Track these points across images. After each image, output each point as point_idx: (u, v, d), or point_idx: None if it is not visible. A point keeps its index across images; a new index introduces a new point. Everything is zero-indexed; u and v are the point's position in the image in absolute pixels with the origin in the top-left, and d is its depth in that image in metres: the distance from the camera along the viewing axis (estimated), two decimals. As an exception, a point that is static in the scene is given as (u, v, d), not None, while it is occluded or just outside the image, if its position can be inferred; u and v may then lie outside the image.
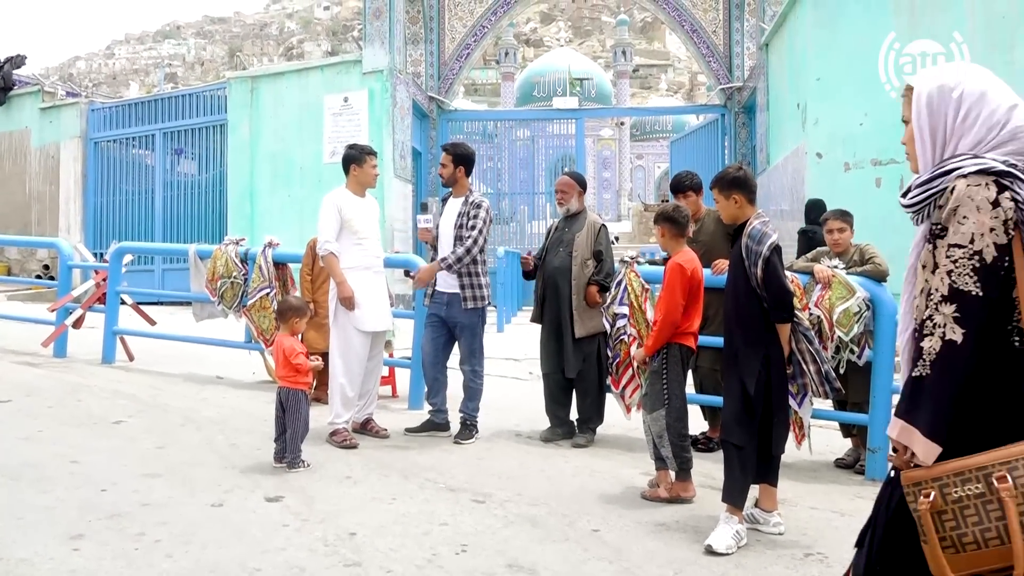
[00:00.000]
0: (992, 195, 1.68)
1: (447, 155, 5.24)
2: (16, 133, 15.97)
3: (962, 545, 1.62)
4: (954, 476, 1.64)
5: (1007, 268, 1.68)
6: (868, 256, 4.76)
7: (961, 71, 1.82)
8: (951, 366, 1.68)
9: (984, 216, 1.68)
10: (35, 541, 3.16)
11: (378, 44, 12.47)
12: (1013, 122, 1.74)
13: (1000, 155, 1.73)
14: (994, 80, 1.80)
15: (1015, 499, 1.57)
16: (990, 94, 1.77)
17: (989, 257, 1.67)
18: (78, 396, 5.90)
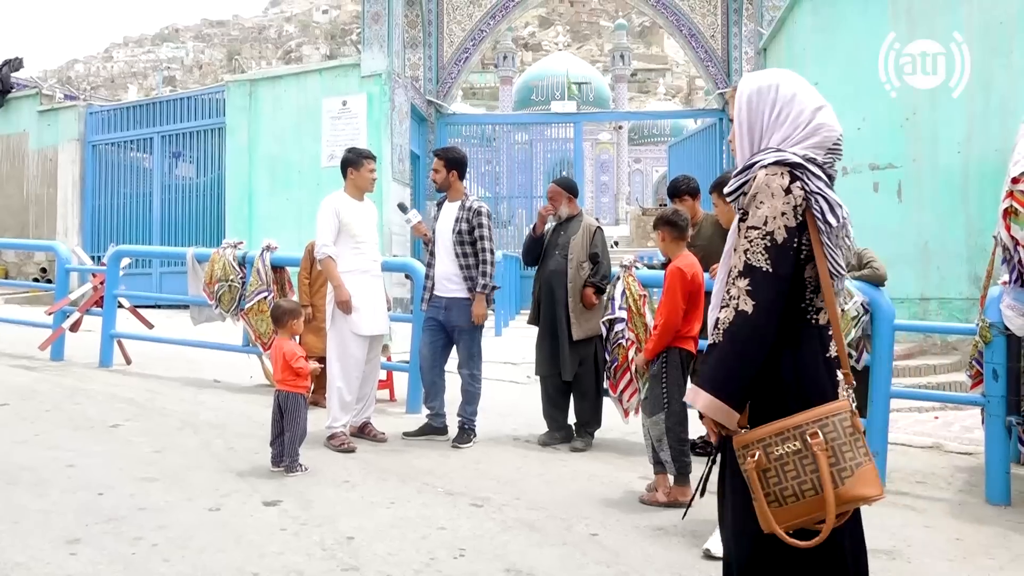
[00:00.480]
0: (785, 183, 1.89)
1: (439, 160, 5.25)
2: (14, 136, 15.95)
3: (783, 498, 1.81)
4: (775, 436, 1.83)
5: (797, 248, 1.89)
6: (866, 260, 4.76)
7: (778, 76, 2.04)
8: (740, 334, 1.87)
9: (777, 201, 1.89)
10: (31, 545, 3.14)
11: (376, 48, 12.47)
12: (816, 121, 1.95)
13: (803, 149, 1.94)
14: (805, 84, 2.02)
15: (825, 452, 1.78)
16: (800, 96, 1.99)
17: (780, 238, 1.87)
18: (75, 400, 5.89)
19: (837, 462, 1.79)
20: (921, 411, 6.96)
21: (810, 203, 1.89)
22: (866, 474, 1.80)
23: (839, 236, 1.91)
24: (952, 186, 9.02)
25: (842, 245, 1.94)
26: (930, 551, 3.50)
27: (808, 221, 1.89)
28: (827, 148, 1.97)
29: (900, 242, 8.73)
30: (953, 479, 4.76)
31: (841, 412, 1.82)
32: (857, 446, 1.81)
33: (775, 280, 1.87)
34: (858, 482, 1.79)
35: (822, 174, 1.92)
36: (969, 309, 8.70)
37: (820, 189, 1.89)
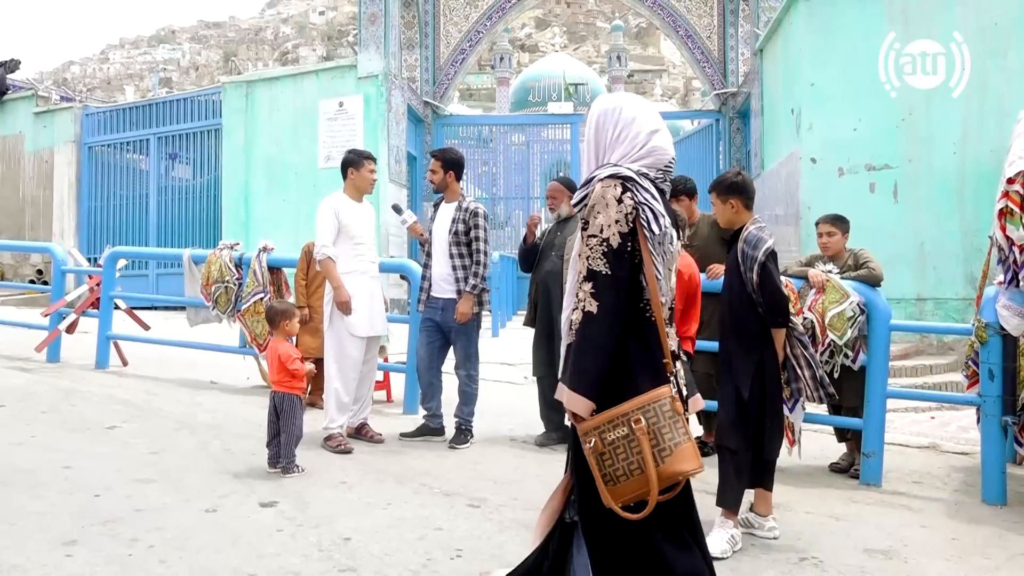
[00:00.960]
0: (618, 194, 2.12)
1: (436, 161, 5.25)
2: (10, 138, 15.92)
3: (616, 478, 2.05)
4: (608, 423, 2.06)
5: (631, 252, 2.11)
6: (863, 261, 4.77)
7: (622, 100, 2.29)
8: (589, 333, 2.09)
9: (611, 211, 2.11)
10: (28, 547, 3.14)
11: (373, 49, 12.47)
12: (651, 143, 2.21)
13: (639, 165, 2.19)
14: (646, 109, 2.27)
15: (647, 436, 2.01)
16: (639, 119, 2.23)
17: (615, 243, 2.09)
18: (71, 401, 5.88)
19: (658, 443, 2.03)
20: (918, 411, 6.97)
21: (638, 212, 2.11)
22: (684, 452, 2.04)
23: (663, 244, 2.15)
24: (948, 187, 9.05)
25: (665, 252, 2.18)
26: (927, 551, 3.50)
27: (636, 228, 2.12)
28: (660, 167, 2.23)
29: (896, 242, 8.75)
30: (949, 479, 4.77)
31: (662, 399, 2.06)
32: (677, 428, 2.04)
33: (615, 281, 2.09)
34: (676, 460, 2.02)
35: (653, 188, 2.17)
36: (965, 309, 8.72)
37: (647, 200, 2.12)
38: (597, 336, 2.09)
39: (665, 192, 2.24)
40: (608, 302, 2.08)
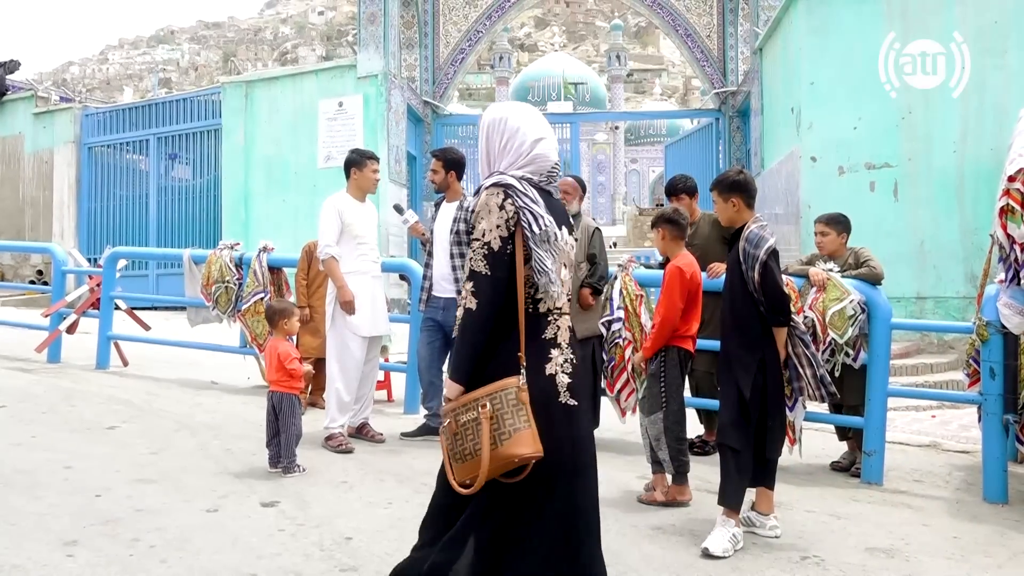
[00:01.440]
0: (499, 201, 2.30)
1: (437, 161, 5.24)
2: (9, 138, 15.92)
3: (464, 457, 2.24)
4: (462, 407, 2.26)
5: (511, 254, 2.29)
6: (863, 259, 4.76)
7: (509, 110, 2.47)
8: (467, 327, 2.29)
9: (493, 217, 2.29)
10: (28, 548, 3.13)
11: (373, 49, 12.46)
12: (535, 151, 2.39)
13: (524, 172, 2.37)
14: (531, 118, 2.45)
15: (489, 420, 2.18)
16: (523, 129, 2.41)
17: (496, 246, 2.28)
18: (72, 402, 5.88)
19: (499, 427, 2.19)
20: (918, 410, 6.97)
21: (520, 216, 2.29)
22: (523, 437, 2.18)
23: (547, 241, 2.30)
24: (948, 185, 9.05)
25: (552, 249, 2.32)
26: (928, 549, 3.50)
27: (518, 230, 2.29)
28: (543, 172, 2.41)
29: (896, 241, 8.75)
30: (951, 477, 4.77)
31: (508, 387, 2.23)
32: (519, 414, 2.20)
33: (493, 281, 2.28)
34: (514, 444, 2.18)
35: (535, 191, 2.35)
36: (965, 308, 8.72)
37: (527, 204, 2.30)
38: (473, 330, 2.29)
39: (551, 193, 2.46)
40: (485, 300, 2.28)
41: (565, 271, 2.43)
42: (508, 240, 2.29)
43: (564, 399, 2.32)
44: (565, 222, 2.47)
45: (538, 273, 2.29)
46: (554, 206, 2.44)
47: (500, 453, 2.18)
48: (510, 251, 2.30)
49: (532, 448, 2.19)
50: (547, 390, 2.30)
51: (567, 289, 2.42)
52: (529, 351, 2.30)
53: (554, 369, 2.32)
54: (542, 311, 2.35)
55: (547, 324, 2.36)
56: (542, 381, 2.30)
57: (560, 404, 2.31)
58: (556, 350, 2.35)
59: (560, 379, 2.33)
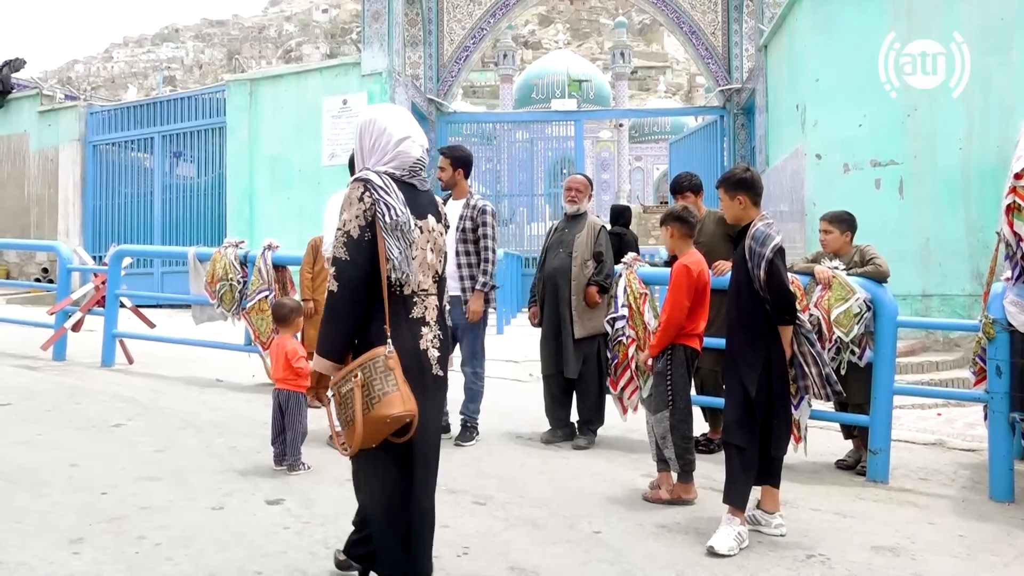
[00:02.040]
0: (359, 194, 2.52)
1: (445, 159, 5.22)
2: (15, 137, 15.95)
3: (347, 423, 2.47)
4: (342, 379, 2.49)
5: (370, 240, 2.49)
6: (869, 257, 4.75)
7: (379, 112, 2.70)
8: (331, 308, 2.54)
9: (354, 208, 2.52)
10: (34, 545, 3.14)
11: (377, 46, 12.46)
12: (398, 148, 2.62)
13: (389, 168, 2.61)
14: (398, 119, 2.68)
15: (361, 388, 2.41)
16: (389, 129, 2.64)
17: (355, 235, 2.50)
18: (77, 399, 5.89)
19: (369, 393, 2.41)
20: (924, 408, 6.94)
21: (376, 208, 2.49)
22: (392, 399, 2.40)
23: (397, 230, 2.50)
24: (953, 183, 9.01)
25: (402, 237, 2.52)
26: (934, 548, 3.49)
27: (376, 221, 2.50)
28: (406, 167, 2.64)
29: (902, 239, 8.72)
30: (957, 476, 4.75)
31: (377, 356, 2.45)
32: (387, 380, 2.42)
33: (352, 266, 2.50)
34: (384, 405, 2.39)
35: (395, 185, 2.56)
36: (971, 306, 8.69)
37: (382, 197, 2.50)
38: (336, 310, 2.53)
39: (415, 186, 2.66)
40: (344, 283, 2.51)
41: (432, 255, 2.66)
42: (367, 229, 2.51)
43: (435, 371, 2.62)
44: (432, 211, 2.70)
45: (387, 259, 2.50)
46: (418, 198, 2.66)
47: (371, 416, 2.40)
48: (369, 238, 2.50)
49: (402, 408, 2.41)
50: (421, 363, 2.57)
51: (434, 273, 2.67)
52: (402, 329, 2.55)
53: (426, 345, 2.59)
54: (407, 293, 2.58)
55: (414, 304, 2.60)
56: (417, 355, 2.56)
57: (432, 375, 2.60)
58: (426, 327, 2.61)
59: (431, 353, 2.61)
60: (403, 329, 2.54)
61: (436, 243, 2.68)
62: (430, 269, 2.65)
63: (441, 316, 2.69)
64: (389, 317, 2.52)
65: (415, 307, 2.59)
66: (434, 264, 2.67)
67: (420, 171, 2.68)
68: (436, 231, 2.69)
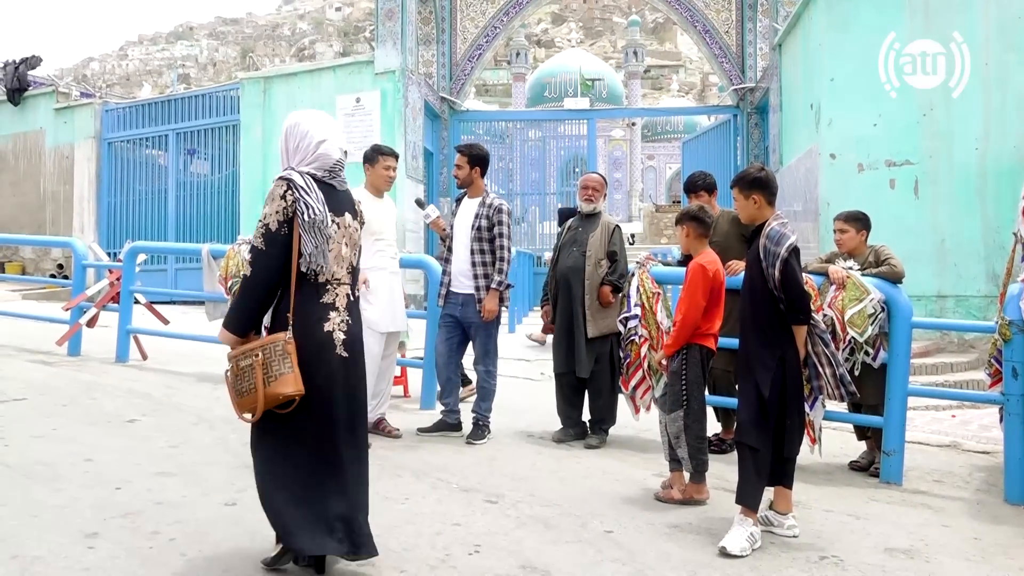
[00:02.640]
0: (282, 191, 2.84)
1: (462, 156, 5.22)
2: (31, 134, 16.05)
3: (244, 393, 2.83)
4: (243, 354, 2.83)
5: (286, 234, 2.82)
6: (883, 257, 4.73)
7: (303, 117, 3.00)
8: (243, 290, 2.90)
9: (275, 204, 2.84)
10: (49, 539, 3.16)
11: (390, 45, 12.48)
12: (319, 151, 2.94)
13: (310, 168, 2.92)
14: (319, 123, 2.98)
15: (261, 366, 2.77)
16: (311, 133, 2.94)
17: (273, 228, 2.82)
18: (92, 395, 5.93)
19: (268, 372, 2.76)
20: (938, 409, 6.91)
21: (296, 206, 2.81)
22: (286, 379, 2.75)
23: (314, 226, 2.81)
24: (969, 183, 8.96)
25: (317, 233, 2.83)
26: (948, 550, 3.47)
27: (295, 218, 2.82)
28: (326, 168, 2.95)
29: (917, 239, 8.67)
30: (971, 478, 4.72)
31: (277, 341, 2.78)
32: (284, 362, 2.76)
33: (265, 256, 2.83)
34: (278, 384, 2.76)
35: (315, 184, 2.89)
36: (987, 307, 8.63)
37: (303, 196, 2.83)
38: (246, 293, 2.88)
39: (334, 186, 2.98)
40: (257, 269, 2.84)
41: (346, 249, 2.98)
42: (284, 224, 2.83)
43: (340, 351, 2.90)
44: (349, 209, 3.03)
45: (300, 253, 2.82)
46: (336, 196, 2.98)
47: (268, 392, 2.77)
48: (285, 232, 2.83)
49: (293, 388, 2.77)
50: (325, 343, 2.87)
51: (348, 264, 2.99)
52: (310, 312, 2.87)
53: (332, 327, 2.90)
54: (321, 281, 2.90)
55: (326, 291, 2.92)
56: (321, 336, 2.87)
57: (336, 355, 2.89)
58: (334, 312, 2.92)
59: (337, 335, 2.90)
60: (311, 312, 2.87)
61: (351, 238, 3.02)
62: (344, 261, 2.97)
63: (351, 304, 2.99)
64: (297, 303, 2.85)
65: (326, 294, 2.91)
66: (348, 257, 3.00)
67: (339, 172, 3.00)
68: (352, 227, 3.02)
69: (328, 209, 2.88)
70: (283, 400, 2.78)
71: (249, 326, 2.89)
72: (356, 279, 3.05)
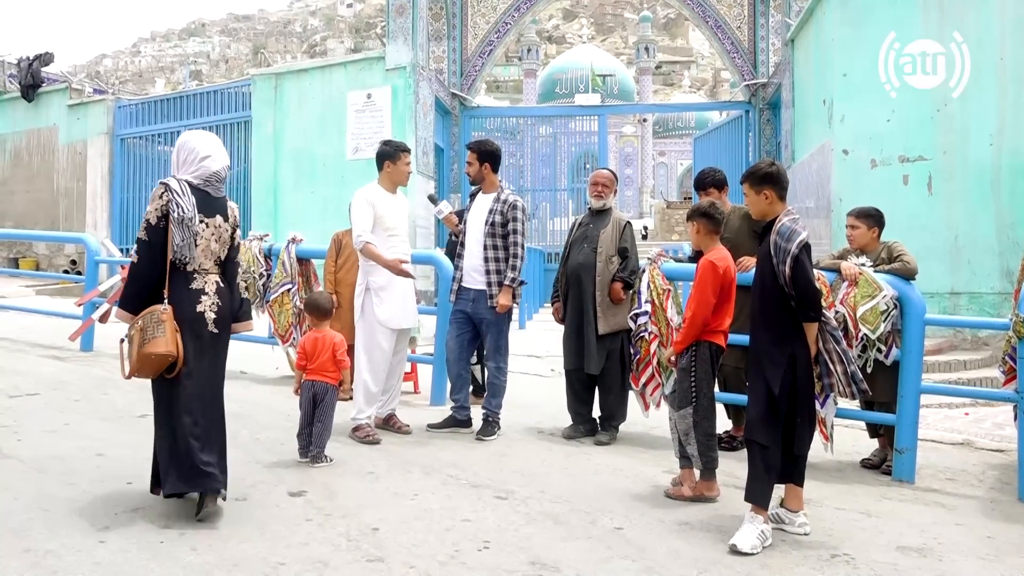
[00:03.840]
0: (160, 193, 3.44)
1: (472, 153, 5.22)
2: (44, 130, 16.13)
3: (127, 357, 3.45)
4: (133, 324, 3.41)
5: (163, 229, 3.42)
6: (896, 254, 4.69)
7: (194, 136, 3.63)
8: (131, 275, 3.50)
9: (155, 202, 3.44)
10: (61, 533, 3.18)
11: (401, 41, 12.47)
12: (201, 164, 3.54)
13: (190, 177, 3.51)
14: (206, 143, 3.59)
15: (140, 332, 3.35)
16: (197, 149, 3.56)
17: (153, 221, 3.43)
18: (104, 390, 5.96)
19: (144, 336, 3.33)
20: (951, 407, 6.86)
21: (169, 205, 3.42)
22: (158, 342, 3.31)
23: (182, 223, 3.40)
24: (983, 179, 8.89)
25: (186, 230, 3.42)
26: (961, 549, 3.44)
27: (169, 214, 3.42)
28: (204, 178, 3.54)
29: (930, 235, 8.61)
30: (984, 476, 4.69)
31: (155, 312, 3.37)
32: (159, 328, 3.33)
33: (147, 245, 3.43)
34: (151, 345, 3.31)
35: (189, 189, 3.48)
36: (1001, 304, 8.56)
37: (175, 198, 3.42)
38: (133, 276, 3.48)
39: (209, 192, 3.55)
40: (140, 257, 3.45)
41: (215, 245, 3.55)
42: (162, 219, 3.43)
43: (211, 328, 3.51)
44: (221, 212, 3.59)
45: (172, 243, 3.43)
46: (210, 201, 3.55)
47: (143, 351, 3.32)
48: (163, 226, 3.42)
49: (164, 349, 3.31)
50: (198, 321, 3.47)
51: (216, 258, 3.57)
52: (183, 295, 3.46)
53: (203, 308, 3.50)
54: (190, 270, 3.50)
55: (194, 279, 3.51)
56: (194, 316, 3.47)
57: (208, 331, 3.50)
58: (204, 296, 3.52)
59: (208, 315, 3.50)
60: (184, 295, 3.47)
61: (221, 237, 3.57)
62: (212, 255, 3.55)
63: (220, 290, 3.57)
64: (171, 285, 3.45)
65: (195, 281, 3.51)
66: (216, 251, 3.57)
67: (215, 182, 3.57)
68: (223, 227, 3.59)
69: (199, 211, 3.46)
70: (156, 359, 3.33)
71: (139, 305, 3.44)
72: (227, 271, 3.63)
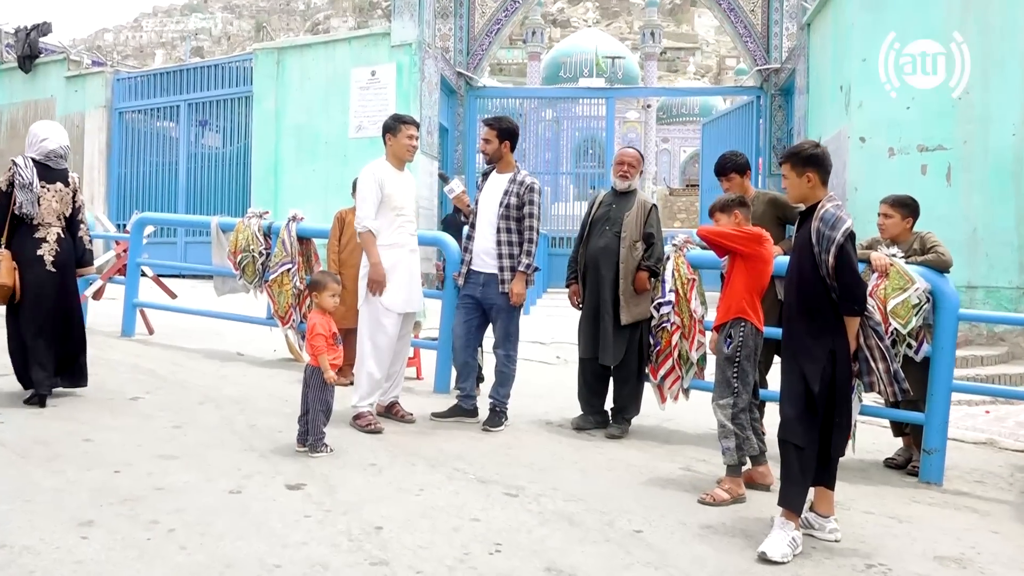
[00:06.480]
0: (10, 166, 4.63)
1: (491, 130, 4.92)
2: (41, 102, 15.83)
3: None
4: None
5: (8, 194, 4.61)
6: (930, 245, 4.47)
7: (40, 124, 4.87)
8: None
9: (5, 174, 4.62)
10: (41, 527, 2.96)
11: (407, 17, 12.16)
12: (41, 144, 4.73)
13: (33, 154, 4.71)
14: (48, 129, 4.82)
15: None
16: (40, 134, 4.75)
17: (4, 188, 4.62)
18: (95, 370, 5.68)
19: None
20: (971, 404, 6.66)
21: (14, 175, 4.56)
22: None
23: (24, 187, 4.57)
24: (1004, 170, 8.66)
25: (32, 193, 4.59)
26: (1002, 560, 3.23)
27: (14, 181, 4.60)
28: (44, 154, 4.71)
29: (947, 227, 8.30)
30: (1013, 479, 4.49)
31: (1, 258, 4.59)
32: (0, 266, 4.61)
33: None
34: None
35: (31, 164, 4.64)
36: (1018, 299, 8.37)
37: (18, 170, 4.60)
38: None
39: (49, 166, 4.72)
40: None
41: (56, 204, 4.72)
42: (9, 185, 4.59)
43: (49, 268, 4.67)
44: (60, 179, 4.78)
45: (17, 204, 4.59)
46: (49, 172, 4.73)
47: None
48: (8, 191, 4.59)
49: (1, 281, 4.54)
50: (38, 262, 4.63)
51: (58, 214, 4.73)
52: (27, 242, 4.63)
53: (43, 252, 4.66)
54: (35, 224, 4.66)
55: (37, 230, 4.67)
56: (34, 258, 4.63)
57: (46, 271, 4.66)
58: (45, 244, 4.67)
59: (47, 258, 4.66)
60: (27, 242, 4.63)
61: (63, 199, 4.77)
62: (54, 212, 4.71)
63: (60, 240, 4.73)
64: (13, 236, 4.63)
65: (38, 232, 4.67)
66: (59, 210, 4.75)
67: (54, 158, 4.75)
68: (64, 192, 4.78)
69: (41, 178, 4.64)
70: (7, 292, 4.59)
71: None
72: (70, 227, 4.84)
